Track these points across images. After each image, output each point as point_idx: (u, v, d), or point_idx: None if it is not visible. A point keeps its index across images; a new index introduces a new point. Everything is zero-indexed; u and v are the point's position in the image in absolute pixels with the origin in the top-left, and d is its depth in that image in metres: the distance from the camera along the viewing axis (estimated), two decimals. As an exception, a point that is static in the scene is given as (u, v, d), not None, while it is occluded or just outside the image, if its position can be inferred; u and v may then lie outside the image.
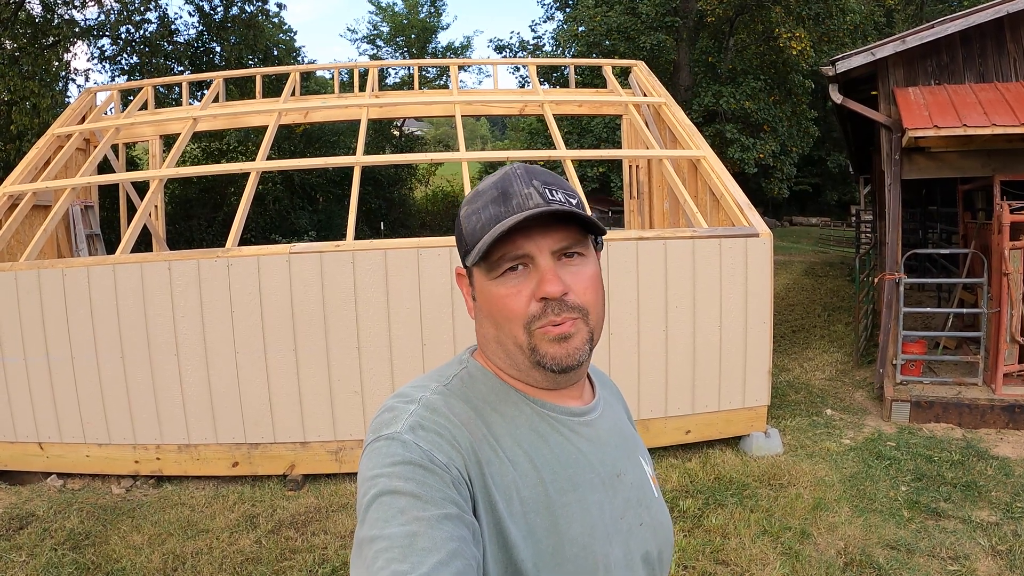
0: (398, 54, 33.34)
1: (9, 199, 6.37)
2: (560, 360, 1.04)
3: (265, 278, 5.47)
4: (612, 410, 1.24)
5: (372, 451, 0.97)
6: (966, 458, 5.53)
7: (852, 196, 30.82)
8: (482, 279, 1.06)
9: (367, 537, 0.87)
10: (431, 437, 0.97)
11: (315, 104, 8.59)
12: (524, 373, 1.09)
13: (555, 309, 1.02)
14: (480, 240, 1.02)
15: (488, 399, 1.07)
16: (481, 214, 1.04)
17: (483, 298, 1.08)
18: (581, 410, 1.14)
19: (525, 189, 1.04)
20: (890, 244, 7.03)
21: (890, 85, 6.95)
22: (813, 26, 17.31)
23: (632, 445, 1.23)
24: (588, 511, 1.05)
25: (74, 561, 4.29)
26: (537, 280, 1.03)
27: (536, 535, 1.00)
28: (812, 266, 18.81)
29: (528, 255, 1.03)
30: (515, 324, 1.04)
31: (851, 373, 8.26)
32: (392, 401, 1.04)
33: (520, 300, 1.03)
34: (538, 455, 1.05)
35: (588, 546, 1.03)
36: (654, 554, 1.15)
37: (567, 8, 23.29)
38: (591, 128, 19.12)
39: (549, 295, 1.01)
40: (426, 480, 0.92)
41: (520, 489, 1.00)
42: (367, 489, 0.92)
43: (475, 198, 1.08)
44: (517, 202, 1.02)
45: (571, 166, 6.51)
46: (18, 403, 5.61)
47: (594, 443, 1.12)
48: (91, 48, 18.24)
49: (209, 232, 21.52)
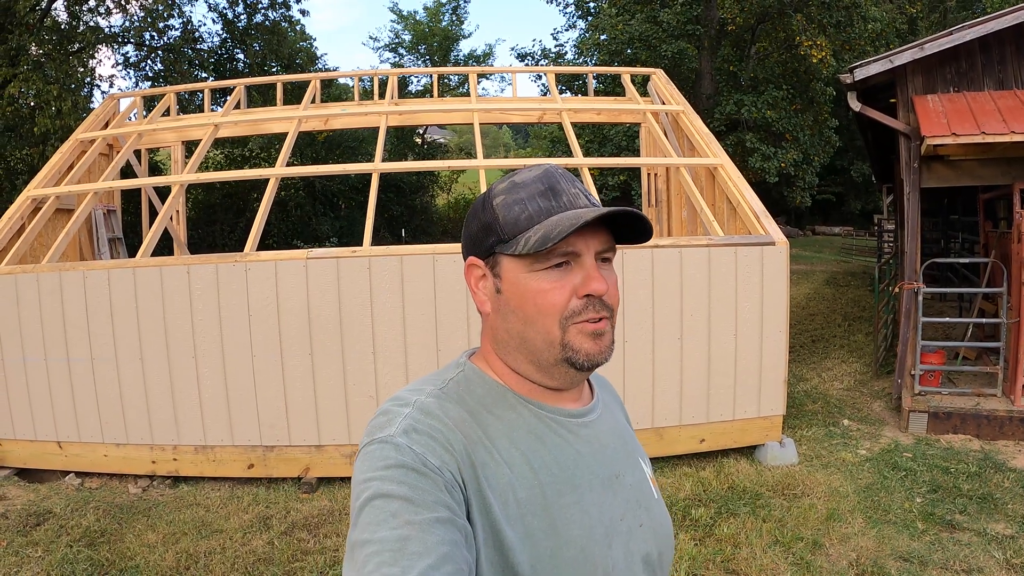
0: (420, 62, 33.51)
1: (32, 203, 6.50)
2: (594, 356, 1.06)
3: (282, 283, 5.53)
4: (610, 412, 1.25)
5: (366, 454, 0.98)
6: (983, 470, 5.46)
7: (876, 205, 30.52)
8: (519, 271, 1.06)
9: (359, 540, 0.88)
10: (424, 440, 0.97)
11: (335, 111, 8.68)
12: (543, 370, 1.09)
13: (596, 307, 1.05)
14: (536, 230, 1.03)
15: (484, 402, 1.08)
16: (528, 205, 1.05)
17: (516, 290, 1.07)
18: (579, 411, 1.14)
19: (572, 189, 1.07)
20: (909, 253, 6.97)
21: (908, 92, 6.89)
22: (835, 34, 17.19)
23: (631, 447, 1.23)
24: (587, 513, 1.05)
25: (89, 558, 4.35)
26: (582, 277, 1.05)
27: (534, 537, 1.00)
28: (834, 275, 18.65)
29: (576, 252, 1.04)
30: (551, 318, 1.05)
31: (870, 383, 8.18)
32: (387, 404, 1.05)
33: (562, 295, 1.04)
34: (535, 457, 1.05)
35: (587, 548, 1.03)
36: (654, 555, 1.15)
37: (589, 17, 23.31)
38: (611, 136, 19.10)
39: (596, 292, 1.04)
40: (419, 484, 0.92)
41: (516, 491, 1.01)
42: (360, 492, 0.93)
43: (515, 189, 1.08)
44: (567, 199, 1.05)
45: (588, 174, 6.52)
46: (38, 403, 5.71)
47: (593, 444, 1.12)
48: (115, 54, 18.53)
49: (232, 237, 21.73)
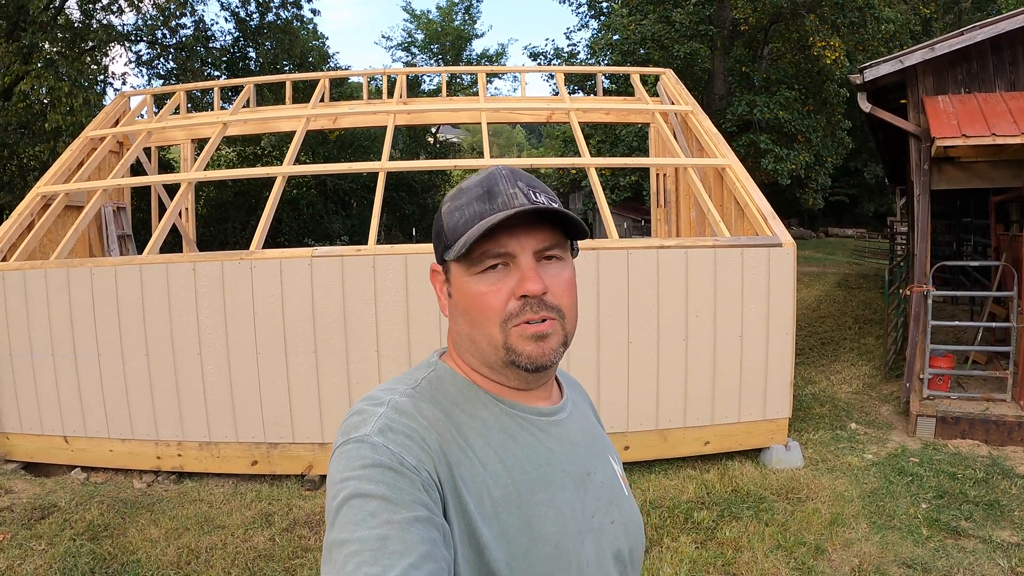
0: (432, 61, 33.56)
1: (42, 199, 6.55)
2: (535, 359, 1.05)
3: (287, 281, 5.54)
4: (580, 410, 1.25)
5: (342, 454, 0.97)
6: (990, 476, 5.40)
7: (889, 207, 30.32)
8: (461, 275, 1.07)
9: (337, 540, 0.88)
10: (400, 439, 0.97)
11: (343, 110, 8.70)
12: (496, 372, 1.09)
13: (534, 307, 1.04)
14: (463, 235, 1.03)
15: (457, 401, 1.08)
16: (465, 210, 1.05)
17: (460, 295, 1.08)
18: (550, 410, 1.15)
19: (510, 189, 1.05)
20: (919, 256, 6.91)
21: (919, 93, 6.82)
22: (848, 34, 17.08)
23: (602, 445, 1.24)
24: (560, 510, 1.06)
25: (91, 552, 4.38)
26: (518, 278, 1.04)
27: (509, 535, 1.00)
28: (846, 278, 18.53)
29: (510, 253, 1.04)
30: (491, 322, 1.05)
31: (878, 387, 8.11)
32: (361, 404, 1.05)
33: (499, 297, 1.04)
34: (508, 455, 1.05)
35: (561, 545, 1.04)
36: (625, 552, 1.16)
37: (602, 17, 23.26)
38: (623, 137, 19.06)
39: (530, 292, 1.03)
40: (396, 483, 0.92)
41: (491, 489, 1.01)
42: (337, 492, 0.93)
43: (459, 195, 1.08)
44: (503, 200, 1.03)
45: (595, 174, 6.50)
46: (45, 398, 5.75)
47: (564, 442, 1.13)
48: (128, 52, 18.66)
49: (243, 235, 21.83)
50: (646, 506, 5.04)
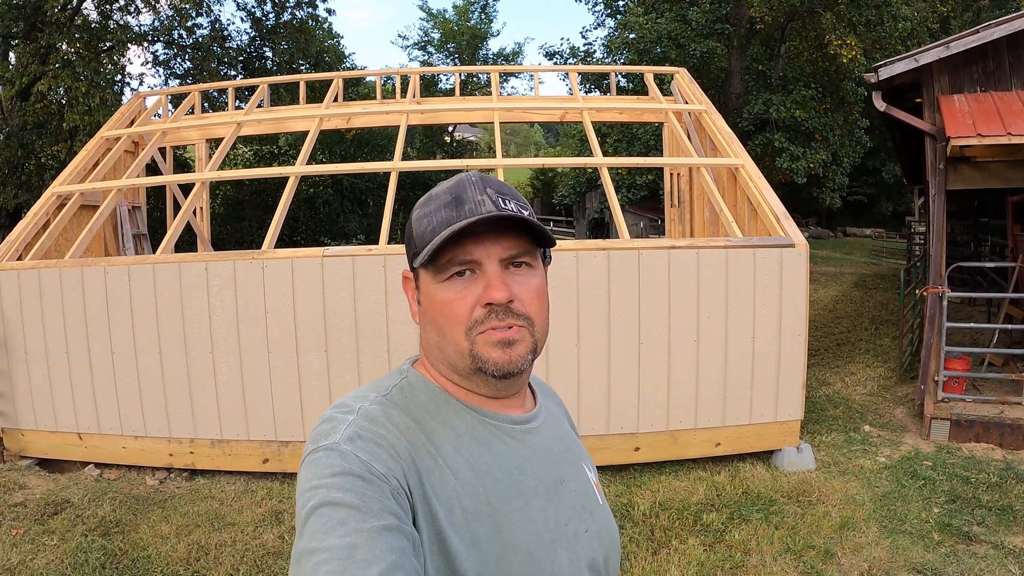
0: (448, 60, 33.61)
1: (58, 199, 6.62)
2: (502, 366, 1.04)
3: (298, 280, 5.57)
4: (554, 418, 1.24)
5: (311, 462, 0.97)
6: (1004, 480, 5.33)
7: (908, 207, 30.01)
8: (428, 283, 1.07)
9: (306, 549, 0.87)
10: (370, 447, 0.97)
11: (356, 110, 8.73)
12: (466, 379, 1.09)
13: (500, 315, 1.03)
14: (430, 242, 1.02)
15: (428, 408, 1.07)
16: (433, 217, 1.05)
17: (428, 302, 1.08)
18: (523, 418, 1.14)
19: (478, 196, 1.04)
20: (934, 256, 6.83)
21: (934, 92, 6.74)
22: (865, 33, 16.90)
23: (575, 453, 1.23)
24: (532, 518, 1.05)
25: (102, 547, 4.43)
26: (483, 286, 1.03)
27: (480, 544, 0.99)
28: (863, 278, 18.37)
29: (476, 261, 1.03)
30: (457, 329, 1.04)
31: (893, 389, 8.04)
32: (331, 412, 1.04)
33: (464, 305, 1.03)
34: (480, 463, 1.04)
35: (533, 553, 1.03)
36: (600, 560, 1.15)
37: (618, 16, 23.16)
38: (639, 136, 18.98)
39: (495, 300, 1.02)
40: (365, 491, 0.92)
41: (462, 498, 1.00)
42: (306, 501, 0.92)
43: (427, 202, 1.08)
44: (470, 207, 1.03)
45: (607, 173, 6.48)
46: (59, 395, 5.82)
47: (537, 451, 1.12)
48: (145, 53, 18.81)
49: (260, 234, 21.87)
50: (655, 507, 5.03)
